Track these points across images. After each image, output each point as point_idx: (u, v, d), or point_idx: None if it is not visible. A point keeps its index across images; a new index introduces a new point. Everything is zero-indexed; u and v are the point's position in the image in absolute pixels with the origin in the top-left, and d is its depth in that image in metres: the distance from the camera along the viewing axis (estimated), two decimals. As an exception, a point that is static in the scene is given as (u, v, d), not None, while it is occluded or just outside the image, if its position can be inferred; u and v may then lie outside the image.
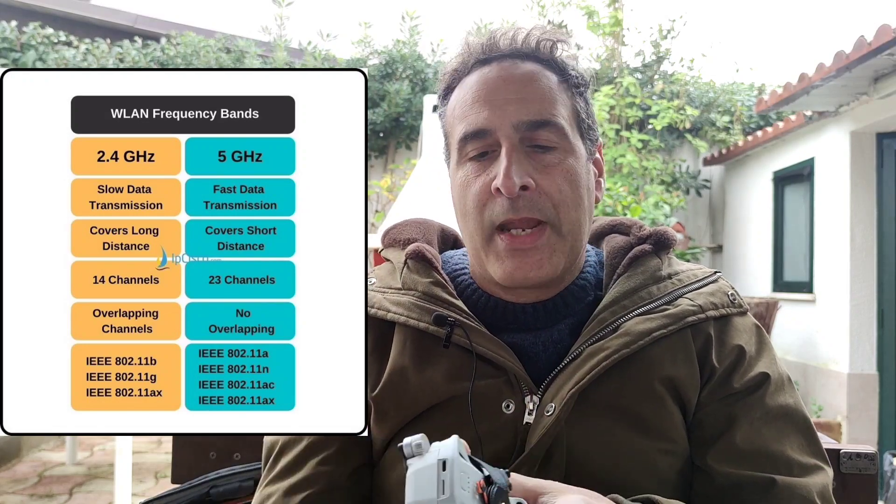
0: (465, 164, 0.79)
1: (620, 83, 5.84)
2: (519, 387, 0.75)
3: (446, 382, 0.76)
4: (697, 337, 0.78)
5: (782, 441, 0.75)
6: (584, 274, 0.84)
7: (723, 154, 6.05)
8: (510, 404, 0.75)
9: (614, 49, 6.38)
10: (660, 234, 0.85)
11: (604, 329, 0.77)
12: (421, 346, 0.78)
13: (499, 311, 0.81)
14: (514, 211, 0.75)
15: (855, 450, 0.92)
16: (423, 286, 0.81)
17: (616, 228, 0.91)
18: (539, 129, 0.77)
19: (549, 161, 0.77)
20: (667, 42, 6.28)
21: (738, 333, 0.81)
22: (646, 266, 0.82)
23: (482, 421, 0.74)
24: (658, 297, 0.79)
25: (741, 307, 0.82)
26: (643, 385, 0.75)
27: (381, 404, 0.77)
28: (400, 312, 0.80)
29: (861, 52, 3.52)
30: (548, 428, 0.71)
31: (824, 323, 4.60)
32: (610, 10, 6.21)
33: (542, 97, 0.78)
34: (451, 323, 0.77)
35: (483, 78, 0.79)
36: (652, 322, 0.76)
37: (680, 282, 0.82)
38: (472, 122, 0.78)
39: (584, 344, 0.76)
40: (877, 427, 4.24)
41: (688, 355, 0.77)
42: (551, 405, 0.73)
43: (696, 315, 0.78)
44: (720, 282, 0.84)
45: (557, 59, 0.81)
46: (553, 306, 0.81)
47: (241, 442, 1.06)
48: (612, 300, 0.79)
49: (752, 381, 0.77)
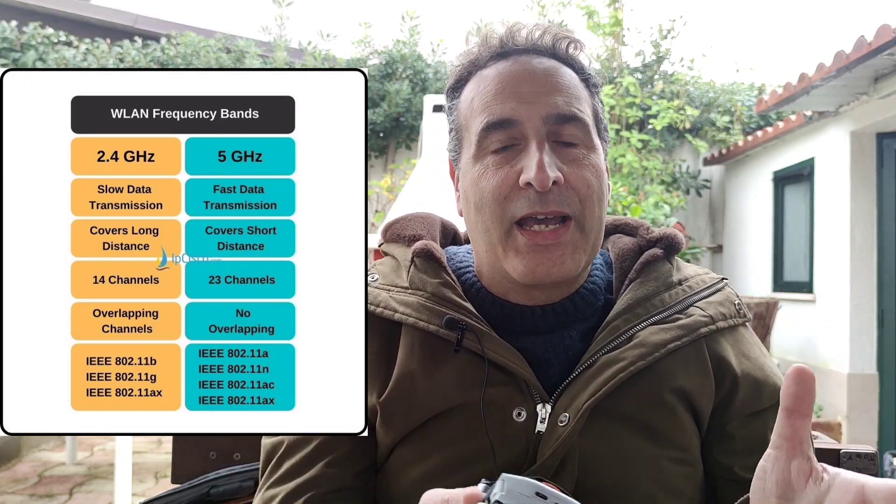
0: (485, 156, 0.76)
1: (620, 83, 5.84)
2: (530, 394, 0.74)
3: (456, 388, 0.74)
4: (712, 347, 0.78)
5: None
6: (593, 277, 0.82)
7: (723, 154, 6.05)
8: (522, 412, 0.73)
9: (614, 49, 6.38)
10: (670, 237, 0.83)
11: (618, 338, 0.75)
12: (430, 350, 0.76)
13: (506, 312, 0.79)
14: (542, 204, 0.72)
15: (855, 450, 0.92)
16: (432, 287, 0.79)
17: (620, 228, 0.89)
18: (566, 123, 0.75)
19: (574, 156, 0.75)
20: (667, 42, 6.28)
21: (751, 346, 0.81)
22: (658, 272, 0.81)
23: (493, 429, 0.73)
24: (670, 305, 0.78)
25: (745, 316, 0.82)
26: (654, 395, 0.74)
27: (388, 409, 0.76)
28: (408, 313, 0.77)
29: (861, 52, 3.52)
30: (563, 439, 0.70)
31: (824, 323, 4.60)
32: (610, 10, 6.21)
33: (569, 92, 0.77)
34: (461, 327, 0.75)
35: (506, 71, 0.77)
36: (667, 333, 0.75)
37: (690, 289, 0.81)
38: (496, 112, 0.75)
39: (599, 352, 0.75)
40: (877, 427, 4.24)
41: (701, 365, 0.76)
42: (565, 415, 0.71)
43: (708, 326, 0.77)
44: (727, 290, 0.83)
45: (575, 58, 0.80)
46: (563, 309, 0.78)
47: (241, 442, 1.06)
48: (625, 307, 0.78)
49: (775, 398, 0.77)
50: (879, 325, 4.27)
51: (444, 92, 0.86)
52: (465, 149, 0.80)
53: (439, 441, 0.74)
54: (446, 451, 0.74)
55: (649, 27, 7.08)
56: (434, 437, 0.75)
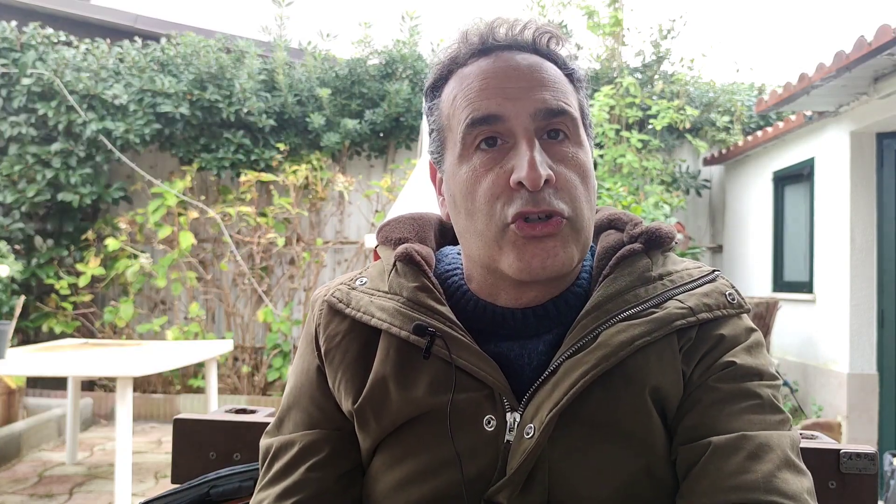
0: (472, 156, 0.74)
1: (620, 83, 5.83)
2: (501, 402, 0.71)
3: (427, 394, 0.73)
4: (682, 338, 0.73)
5: (730, 424, 0.70)
6: (580, 280, 0.79)
7: (723, 154, 6.05)
8: (491, 420, 0.71)
9: (614, 49, 6.37)
10: (652, 231, 0.79)
11: (584, 338, 0.72)
12: (403, 356, 0.75)
13: (487, 316, 0.77)
14: (534, 203, 0.70)
15: (855, 450, 0.92)
16: (408, 291, 0.77)
17: (613, 224, 0.84)
18: (555, 118, 0.73)
19: (563, 154, 0.73)
20: (667, 42, 6.27)
21: (731, 328, 0.75)
22: (633, 267, 0.76)
23: (462, 437, 0.71)
24: (645, 300, 0.74)
25: (741, 307, 0.76)
26: (630, 398, 0.70)
27: (362, 414, 0.76)
28: (383, 319, 0.76)
29: (861, 52, 3.52)
30: (528, 452, 0.68)
31: (824, 323, 4.60)
32: (610, 10, 6.20)
33: (555, 87, 0.74)
34: (431, 333, 0.73)
35: (488, 67, 0.75)
36: (635, 329, 0.71)
37: (672, 282, 0.76)
38: (481, 109, 0.72)
39: (562, 356, 0.72)
40: (877, 427, 4.24)
41: (673, 358, 0.72)
42: (531, 426, 0.69)
43: (686, 318, 0.72)
44: (718, 281, 0.78)
45: (556, 53, 0.78)
46: (544, 312, 0.76)
47: (241, 442, 1.06)
48: (594, 304, 0.74)
49: (736, 379, 0.72)
50: (879, 325, 4.27)
51: (424, 92, 0.83)
52: (448, 150, 0.78)
53: (410, 447, 0.74)
54: (417, 458, 0.74)
55: (649, 27, 7.09)
56: (405, 444, 0.75)
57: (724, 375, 0.72)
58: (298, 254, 5.87)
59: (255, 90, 5.82)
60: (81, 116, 5.60)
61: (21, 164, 5.63)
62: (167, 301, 6.12)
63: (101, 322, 5.85)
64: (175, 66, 5.90)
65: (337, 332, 0.80)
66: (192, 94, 5.73)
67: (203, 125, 5.89)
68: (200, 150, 5.90)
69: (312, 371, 0.82)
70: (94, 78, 5.72)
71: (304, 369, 0.83)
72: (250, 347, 5.85)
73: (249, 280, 5.79)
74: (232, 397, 5.52)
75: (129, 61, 5.83)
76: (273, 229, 5.80)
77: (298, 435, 0.80)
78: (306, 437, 0.79)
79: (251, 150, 5.90)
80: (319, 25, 12.53)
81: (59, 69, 5.65)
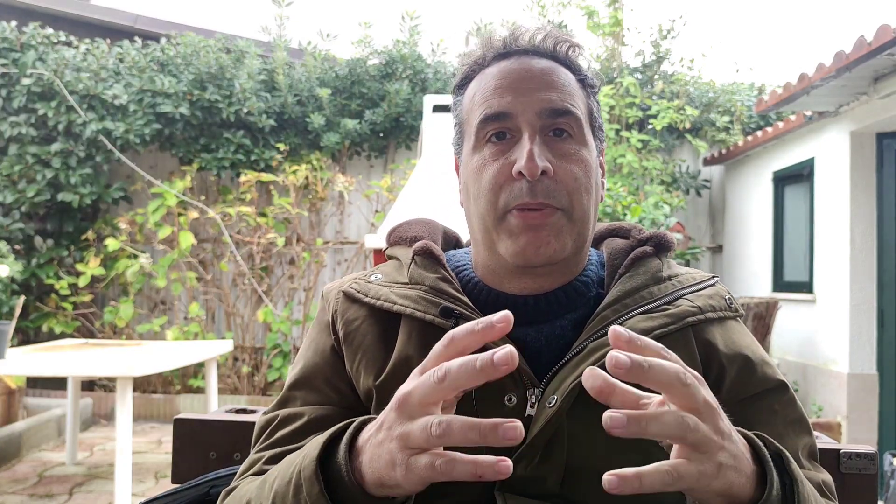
0: (483, 147, 0.82)
1: (620, 83, 5.84)
2: (521, 380, 0.76)
3: None
4: (700, 336, 0.80)
5: (797, 446, 0.79)
6: (587, 272, 0.86)
7: (723, 154, 6.05)
8: (512, 397, 0.76)
9: (614, 49, 6.37)
10: (660, 236, 0.88)
11: (606, 326, 0.78)
12: (426, 338, 0.79)
13: (500, 304, 0.82)
14: (531, 195, 0.77)
15: (855, 450, 0.92)
16: (430, 280, 0.83)
17: (615, 232, 0.94)
18: (560, 117, 0.80)
19: (566, 150, 0.80)
20: (667, 42, 6.27)
21: (741, 336, 0.84)
22: (647, 267, 0.84)
23: (484, 414, 0.73)
24: (659, 297, 0.81)
25: (737, 311, 0.85)
26: None
27: (384, 393, 0.78)
28: (406, 304, 0.81)
29: (861, 52, 3.52)
30: (549, 418, 0.72)
31: (824, 323, 4.60)
32: (610, 10, 6.21)
33: (564, 89, 0.81)
34: (456, 315, 0.78)
35: (506, 69, 0.82)
36: (653, 321, 0.78)
37: (680, 283, 0.84)
38: (493, 105, 0.81)
39: (588, 340, 0.77)
40: (877, 427, 4.24)
41: (689, 353, 0.78)
42: (553, 397, 0.74)
43: (696, 316, 0.80)
44: (717, 286, 0.87)
45: (573, 60, 0.86)
46: (555, 299, 0.82)
47: (241, 442, 1.06)
48: (614, 299, 0.81)
49: (765, 385, 0.81)
50: (879, 325, 4.27)
51: (452, 90, 0.92)
52: (466, 141, 0.86)
53: None
54: None
55: (649, 27, 7.08)
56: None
57: None
58: (298, 254, 5.87)
59: (255, 90, 5.82)
60: (81, 116, 5.60)
61: (21, 164, 5.63)
62: (167, 301, 6.12)
63: (101, 322, 5.85)
64: (175, 66, 5.90)
65: (356, 317, 0.85)
66: (192, 94, 5.73)
67: (203, 125, 5.89)
68: (200, 150, 5.90)
69: (328, 352, 0.85)
70: (94, 78, 5.72)
71: (317, 350, 0.87)
72: (250, 347, 5.85)
73: (249, 280, 5.79)
74: (232, 397, 5.52)
75: (128, 61, 5.83)
76: (273, 229, 5.80)
77: (308, 409, 0.82)
78: (317, 411, 0.82)
79: (251, 150, 5.90)
80: (319, 25, 12.53)
81: (59, 69, 5.65)
